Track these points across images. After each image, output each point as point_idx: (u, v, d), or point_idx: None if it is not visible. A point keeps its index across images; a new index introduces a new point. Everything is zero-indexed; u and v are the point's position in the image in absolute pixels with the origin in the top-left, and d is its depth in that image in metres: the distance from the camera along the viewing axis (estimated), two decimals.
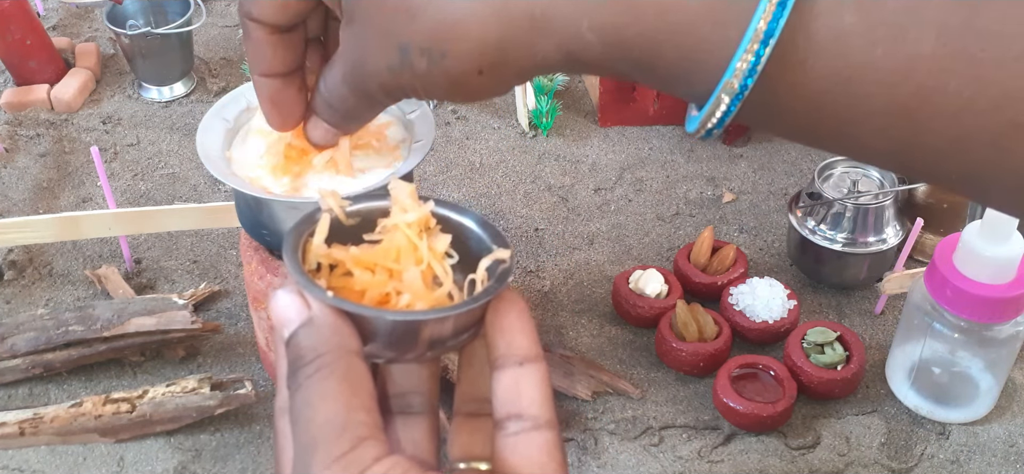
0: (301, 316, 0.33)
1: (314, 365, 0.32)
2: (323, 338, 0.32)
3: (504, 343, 0.35)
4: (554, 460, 0.34)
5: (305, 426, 0.31)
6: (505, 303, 0.36)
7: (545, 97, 1.08)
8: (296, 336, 0.33)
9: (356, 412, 0.31)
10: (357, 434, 0.31)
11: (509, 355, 0.35)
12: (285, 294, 0.34)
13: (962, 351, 0.74)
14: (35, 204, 0.98)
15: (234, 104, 0.70)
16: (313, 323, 0.33)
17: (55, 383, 0.78)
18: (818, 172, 0.86)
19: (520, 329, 0.35)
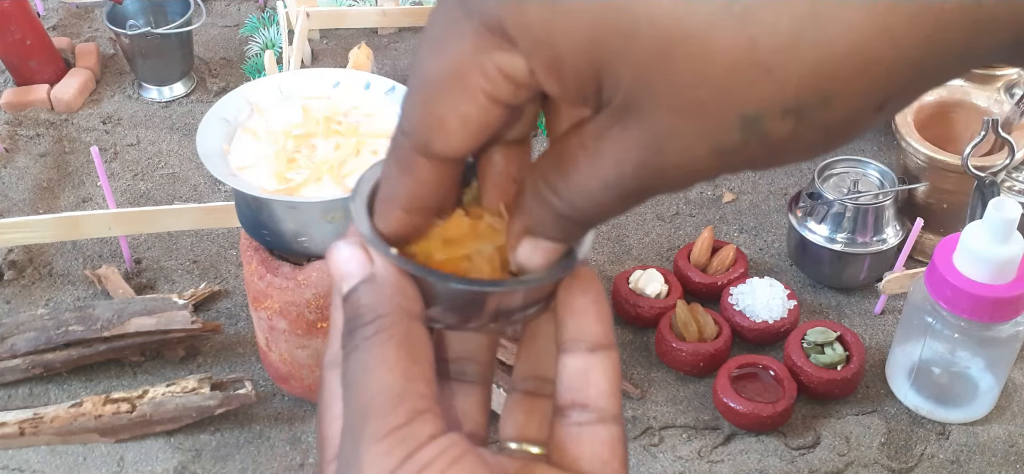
0: (363, 271, 0.30)
1: (373, 327, 0.29)
2: (385, 297, 0.30)
3: (575, 326, 0.32)
4: (617, 458, 0.31)
5: (359, 391, 0.29)
6: (580, 282, 0.32)
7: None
8: (356, 292, 0.30)
9: (415, 382, 0.29)
10: (414, 407, 0.28)
11: (580, 339, 0.32)
12: (347, 246, 0.31)
13: (962, 351, 0.74)
14: (35, 204, 0.98)
15: (234, 104, 0.70)
16: (375, 280, 0.30)
17: (55, 383, 0.78)
18: (818, 172, 0.86)
19: (595, 314, 0.32)
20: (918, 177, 0.87)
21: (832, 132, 0.25)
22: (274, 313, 0.70)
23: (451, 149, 0.29)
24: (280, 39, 1.14)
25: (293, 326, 0.69)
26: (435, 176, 0.30)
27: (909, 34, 0.23)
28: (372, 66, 1.08)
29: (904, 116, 0.87)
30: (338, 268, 0.31)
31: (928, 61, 0.24)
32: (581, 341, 0.32)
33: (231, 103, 0.70)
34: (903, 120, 0.87)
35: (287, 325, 0.70)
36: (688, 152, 0.26)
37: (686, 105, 0.25)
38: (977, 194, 0.82)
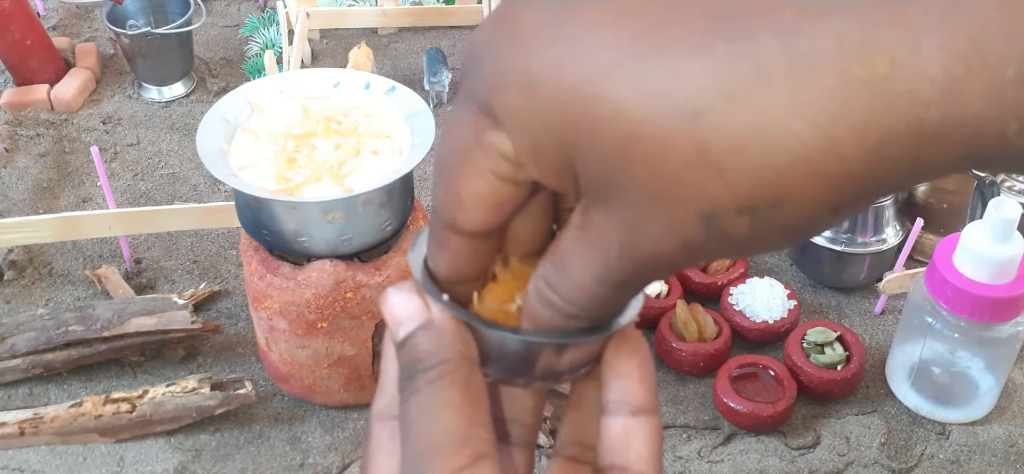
0: (421, 317, 0.31)
1: (436, 371, 0.30)
2: (445, 343, 0.30)
3: (620, 388, 0.32)
4: None
5: (422, 432, 0.29)
6: (627, 345, 0.33)
7: None
8: (414, 337, 0.31)
9: (477, 427, 0.29)
10: (477, 450, 0.29)
11: (623, 402, 0.32)
12: (401, 292, 0.31)
13: (962, 351, 0.74)
14: (35, 204, 0.98)
15: (234, 104, 0.70)
16: (433, 327, 0.31)
17: (55, 383, 0.78)
18: None
19: (639, 377, 0.32)
20: None
21: (790, 232, 0.26)
22: (274, 313, 0.70)
23: (473, 225, 0.30)
24: (280, 39, 1.14)
25: (293, 326, 0.69)
26: (468, 248, 0.31)
27: (854, 149, 0.23)
28: (372, 66, 1.08)
29: None
30: (394, 313, 0.31)
31: (877, 174, 0.24)
32: (624, 403, 0.32)
33: (231, 103, 0.70)
34: None
35: (287, 325, 0.70)
36: (660, 243, 0.27)
37: (651, 199, 0.26)
38: (977, 194, 0.82)
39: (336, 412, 0.77)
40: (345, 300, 0.68)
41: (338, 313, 0.68)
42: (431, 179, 1.01)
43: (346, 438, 0.75)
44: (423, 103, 0.70)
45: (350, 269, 0.68)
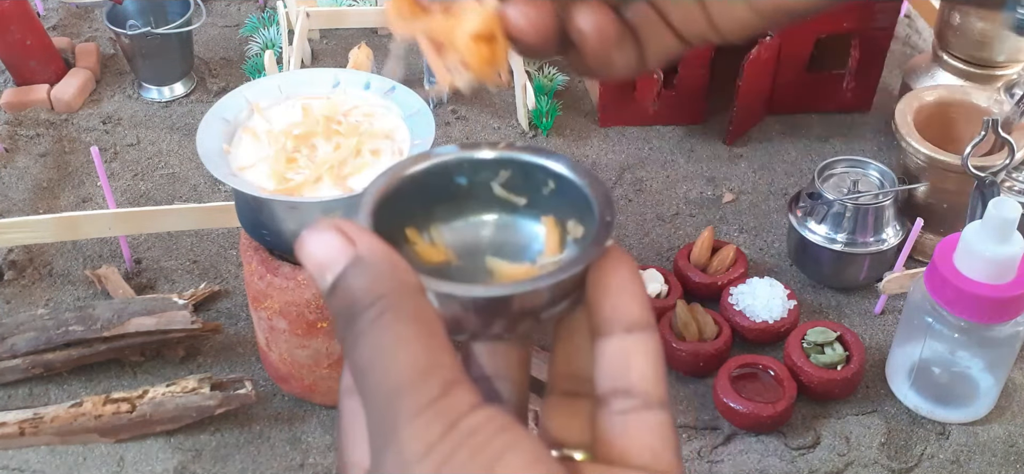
0: (346, 254, 0.27)
1: (376, 308, 0.26)
2: (381, 275, 0.27)
3: (610, 306, 0.30)
4: (668, 447, 0.28)
5: (381, 375, 0.26)
6: (611, 261, 0.30)
7: (545, 97, 1.08)
8: (344, 278, 0.27)
9: (439, 354, 0.26)
10: (445, 378, 0.26)
11: (615, 320, 0.30)
12: (318, 233, 0.28)
13: (962, 351, 0.74)
14: (35, 204, 0.98)
15: (234, 104, 0.70)
16: (363, 262, 0.27)
17: (55, 383, 0.78)
18: (818, 172, 0.86)
19: (631, 292, 0.30)
20: (918, 177, 0.87)
21: None
22: (274, 313, 0.70)
23: None
24: (280, 39, 1.14)
25: (293, 326, 0.69)
26: None
27: None
28: (372, 66, 1.08)
29: (904, 116, 0.87)
30: (315, 259, 0.28)
31: None
32: (618, 322, 0.30)
33: (231, 103, 0.70)
34: (903, 120, 0.87)
35: (287, 325, 0.70)
36: None
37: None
38: (977, 194, 0.82)
39: (336, 412, 0.76)
40: None
41: None
42: None
43: None
44: (423, 103, 0.70)
45: None
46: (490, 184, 0.35)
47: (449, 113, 1.11)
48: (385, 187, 0.32)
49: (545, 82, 1.11)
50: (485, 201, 0.35)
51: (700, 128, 1.09)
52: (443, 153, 0.34)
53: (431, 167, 0.34)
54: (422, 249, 0.34)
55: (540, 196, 0.35)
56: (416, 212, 0.34)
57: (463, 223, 0.35)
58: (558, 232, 0.34)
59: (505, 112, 1.11)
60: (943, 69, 1.03)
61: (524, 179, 0.35)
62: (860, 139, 1.08)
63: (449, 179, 0.34)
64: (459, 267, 0.34)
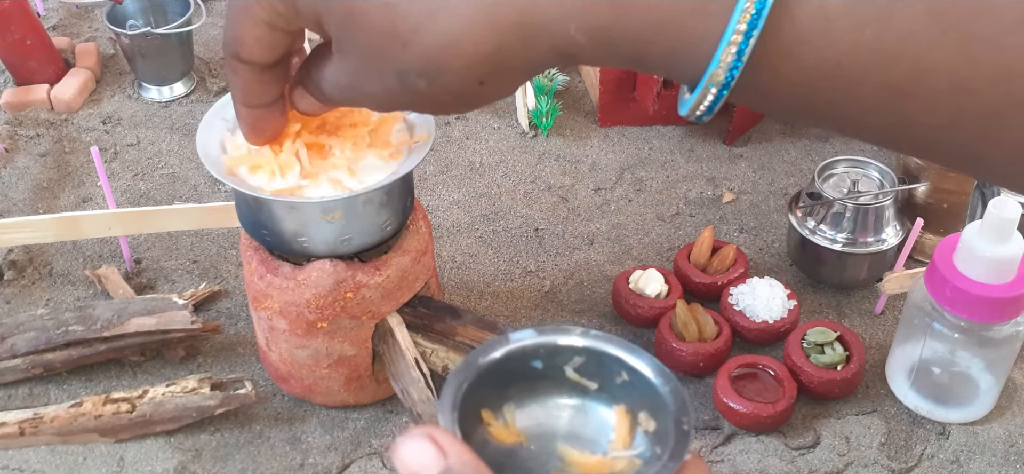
0: (437, 466, 0.29)
1: None
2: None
3: None
4: None
5: None
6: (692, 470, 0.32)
7: (545, 97, 1.08)
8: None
9: None
10: None
11: None
12: (412, 441, 0.29)
13: (962, 351, 0.74)
14: (35, 204, 0.98)
15: None
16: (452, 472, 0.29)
17: (55, 383, 0.78)
18: (818, 172, 0.86)
19: None
20: (918, 177, 0.87)
21: (456, 95, 0.38)
22: (274, 313, 0.70)
23: (253, 57, 0.45)
24: None
25: (293, 326, 0.69)
26: (253, 76, 0.47)
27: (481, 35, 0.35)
28: None
29: None
30: (407, 464, 0.29)
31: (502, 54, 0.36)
32: None
33: (231, 103, 0.70)
34: None
35: (287, 325, 0.70)
36: (372, 87, 0.40)
37: (365, 56, 0.39)
38: (977, 194, 0.82)
39: (336, 412, 0.77)
40: (345, 300, 0.68)
41: (338, 313, 0.68)
42: (431, 179, 1.01)
43: (346, 438, 0.75)
44: None
45: (350, 269, 0.68)
46: (563, 368, 0.37)
47: None
48: (466, 376, 0.34)
49: (545, 82, 1.11)
50: (558, 384, 0.37)
51: (700, 128, 1.09)
52: (521, 338, 0.36)
53: (509, 352, 0.36)
54: (496, 430, 0.35)
55: (612, 384, 0.37)
56: (492, 394, 0.36)
57: (536, 406, 0.37)
58: (628, 422, 0.36)
59: (505, 112, 1.11)
60: None
61: (597, 366, 0.37)
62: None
63: (525, 363, 0.37)
64: (531, 450, 0.35)
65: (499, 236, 0.94)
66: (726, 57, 0.32)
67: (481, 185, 1.01)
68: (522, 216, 0.97)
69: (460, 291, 0.88)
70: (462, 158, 1.05)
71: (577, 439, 0.36)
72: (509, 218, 0.97)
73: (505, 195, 1.00)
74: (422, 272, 0.73)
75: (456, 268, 0.91)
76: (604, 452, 0.35)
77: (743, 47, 0.32)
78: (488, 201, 0.99)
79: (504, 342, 0.36)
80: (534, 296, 0.88)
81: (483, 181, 1.01)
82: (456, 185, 1.01)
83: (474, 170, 1.03)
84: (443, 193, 1.00)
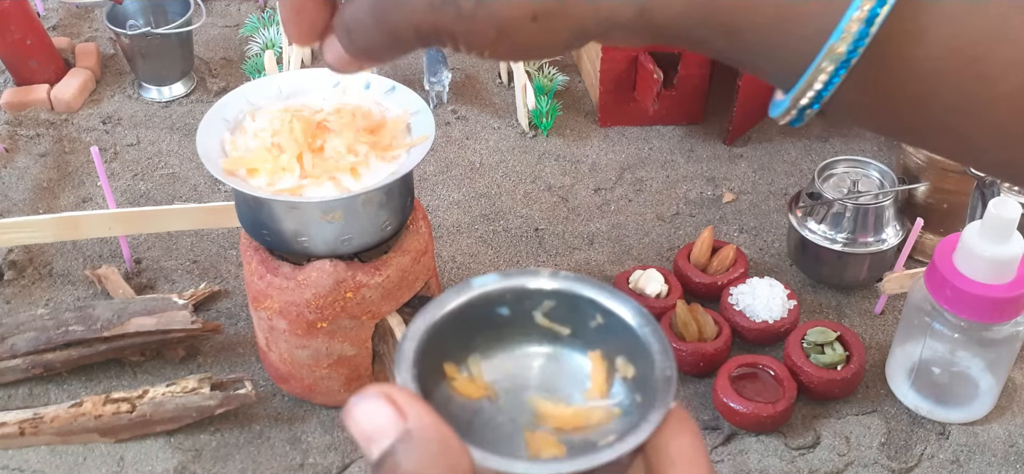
0: (396, 428, 0.26)
1: None
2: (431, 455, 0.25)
3: None
4: None
5: None
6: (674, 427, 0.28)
7: (545, 97, 1.08)
8: (392, 455, 0.25)
9: None
10: None
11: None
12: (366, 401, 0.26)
13: (962, 351, 0.74)
14: (35, 204, 0.98)
15: (234, 104, 0.70)
16: (412, 438, 0.25)
17: (55, 383, 0.78)
18: (818, 172, 0.86)
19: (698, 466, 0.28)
20: (918, 177, 0.87)
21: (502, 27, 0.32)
22: (274, 313, 0.70)
23: None
24: (280, 39, 1.14)
25: (293, 326, 0.69)
26: None
27: None
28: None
29: None
30: (361, 427, 0.26)
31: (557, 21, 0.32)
32: None
33: (231, 103, 0.70)
34: None
35: (287, 325, 0.70)
36: None
37: None
38: (977, 194, 0.82)
39: (336, 412, 0.77)
40: (345, 300, 0.68)
41: (338, 313, 0.68)
42: (431, 179, 1.01)
43: (346, 438, 0.75)
44: (423, 103, 0.70)
45: (350, 269, 0.68)
46: (532, 313, 0.34)
47: (449, 113, 1.11)
48: (425, 329, 0.31)
49: (545, 82, 1.11)
50: (527, 331, 0.34)
51: (700, 128, 1.09)
52: (484, 283, 0.33)
53: (472, 300, 0.33)
54: (461, 385, 0.32)
55: (586, 329, 0.33)
56: (455, 346, 0.33)
57: (504, 355, 0.34)
58: (605, 369, 0.33)
59: (505, 112, 1.11)
60: None
61: (569, 310, 0.33)
62: (860, 139, 1.08)
63: (490, 310, 0.33)
64: (499, 404, 0.32)
65: (499, 236, 0.95)
66: (853, 25, 0.27)
67: (481, 185, 1.01)
68: (522, 216, 0.97)
69: None
70: (462, 158, 1.05)
71: (549, 390, 0.33)
72: (509, 218, 0.97)
73: (505, 195, 1.00)
74: (422, 272, 0.73)
75: (456, 268, 0.91)
76: (580, 402, 0.33)
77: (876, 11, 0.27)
78: (488, 201, 0.99)
79: (466, 288, 0.33)
80: None
81: (483, 181, 1.01)
82: (456, 185, 1.01)
83: (474, 170, 1.03)
84: (443, 193, 1.00)
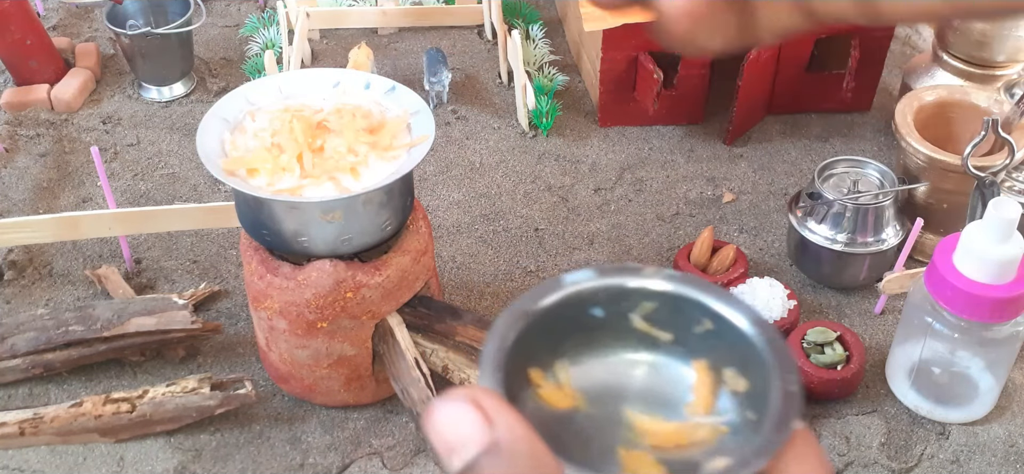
0: (481, 438, 0.23)
1: None
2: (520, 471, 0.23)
3: None
4: None
5: None
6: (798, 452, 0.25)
7: (545, 97, 1.08)
8: (477, 468, 0.23)
9: None
10: None
11: None
12: (450, 406, 0.23)
13: (962, 351, 0.74)
14: (35, 204, 0.98)
15: (234, 104, 0.70)
16: (500, 450, 0.23)
17: (55, 383, 0.78)
18: (818, 172, 0.86)
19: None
20: (918, 177, 0.87)
21: None
22: (274, 313, 0.70)
23: None
24: (280, 39, 1.14)
25: (293, 326, 0.69)
26: None
27: None
28: (372, 66, 1.08)
29: (904, 116, 0.87)
30: (443, 435, 0.23)
31: None
32: None
33: (231, 103, 0.70)
34: (903, 120, 0.87)
35: (287, 325, 0.70)
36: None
37: None
38: (977, 194, 0.82)
39: (336, 412, 0.77)
40: (345, 300, 0.68)
41: (338, 313, 0.68)
42: (431, 179, 1.01)
43: (346, 438, 0.75)
44: (423, 103, 0.70)
45: (350, 269, 0.68)
46: (629, 315, 0.30)
47: (449, 113, 1.11)
48: (511, 328, 0.28)
49: (545, 82, 1.11)
50: (622, 336, 0.30)
51: (700, 128, 1.09)
52: (577, 280, 0.29)
53: (562, 298, 0.29)
54: (547, 393, 0.29)
55: (690, 335, 0.30)
56: (541, 349, 0.29)
57: (596, 362, 0.30)
58: (711, 381, 0.30)
59: (505, 112, 1.11)
60: (943, 69, 1.03)
61: (672, 313, 0.30)
62: (860, 139, 1.08)
63: (582, 310, 0.30)
64: (590, 415, 0.29)
65: (499, 236, 0.95)
66: None
67: (481, 185, 1.01)
68: (522, 216, 0.97)
69: (460, 291, 0.88)
70: (462, 158, 1.05)
71: (647, 402, 0.29)
72: (509, 218, 0.97)
73: (505, 195, 1.00)
74: (422, 272, 0.73)
75: (456, 268, 0.91)
76: (682, 418, 0.29)
77: None
78: (488, 201, 0.99)
79: (557, 286, 0.29)
80: None
81: (483, 181, 1.01)
82: (456, 185, 1.01)
83: (474, 170, 1.03)
84: (443, 193, 1.00)
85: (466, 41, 1.24)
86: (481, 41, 1.24)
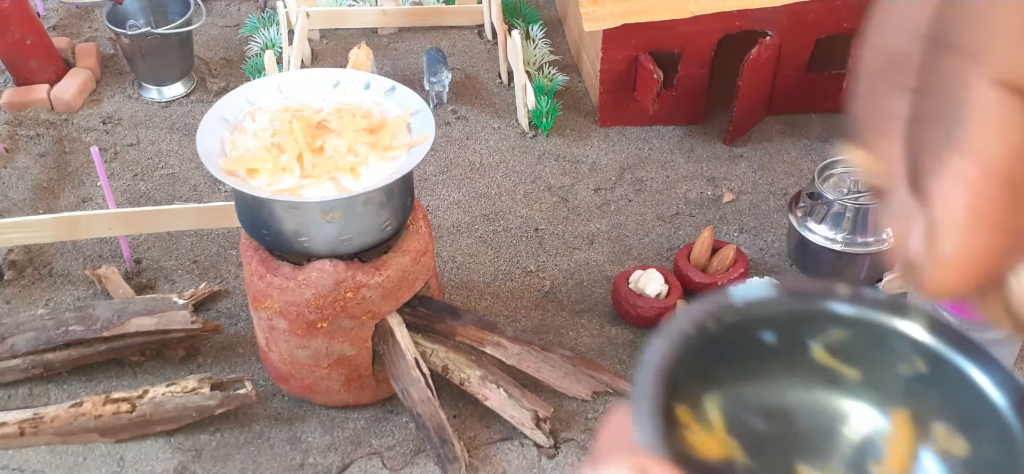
0: None
1: None
2: None
3: None
4: None
5: None
6: None
7: (545, 97, 1.08)
8: None
9: None
10: None
11: None
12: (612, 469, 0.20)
13: None
14: (35, 204, 0.98)
15: (234, 104, 0.70)
16: None
17: (55, 383, 0.78)
18: (818, 172, 0.86)
19: None
20: None
21: None
22: (274, 313, 0.70)
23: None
24: (280, 39, 1.14)
25: (293, 326, 0.69)
26: None
27: None
28: (372, 66, 1.08)
29: None
30: None
31: None
32: None
33: (231, 103, 0.70)
34: None
35: (287, 325, 0.70)
36: None
37: None
38: None
39: (336, 412, 0.77)
40: (345, 300, 0.68)
41: (338, 313, 0.68)
42: (431, 179, 1.01)
43: (346, 438, 0.75)
44: (423, 103, 0.70)
45: (350, 269, 0.68)
46: (808, 343, 0.24)
47: (449, 113, 1.11)
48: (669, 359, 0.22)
49: (545, 82, 1.11)
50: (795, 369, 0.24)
51: (700, 128, 1.09)
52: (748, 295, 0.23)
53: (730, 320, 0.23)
54: (695, 437, 0.23)
55: (890, 375, 0.24)
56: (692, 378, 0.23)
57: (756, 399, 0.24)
58: (911, 436, 0.23)
59: (505, 112, 1.11)
60: None
61: (868, 346, 0.23)
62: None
63: (750, 333, 0.24)
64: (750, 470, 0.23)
65: (499, 236, 0.94)
66: None
67: (481, 185, 1.01)
68: (522, 216, 0.97)
69: (460, 291, 0.88)
70: (462, 158, 1.05)
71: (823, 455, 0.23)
72: (509, 218, 0.97)
73: (505, 195, 1.00)
74: (422, 272, 0.73)
75: (456, 268, 0.91)
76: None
77: None
78: (488, 201, 0.99)
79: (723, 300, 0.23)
80: (534, 296, 0.88)
81: (483, 181, 1.01)
82: (456, 185, 1.01)
83: (474, 170, 1.03)
84: (443, 193, 1.00)
85: (466, 41, 1.24)
86: (481, 41, 1.24)
